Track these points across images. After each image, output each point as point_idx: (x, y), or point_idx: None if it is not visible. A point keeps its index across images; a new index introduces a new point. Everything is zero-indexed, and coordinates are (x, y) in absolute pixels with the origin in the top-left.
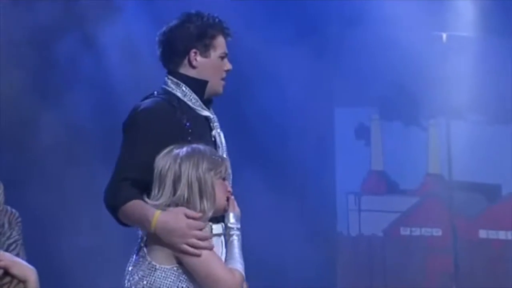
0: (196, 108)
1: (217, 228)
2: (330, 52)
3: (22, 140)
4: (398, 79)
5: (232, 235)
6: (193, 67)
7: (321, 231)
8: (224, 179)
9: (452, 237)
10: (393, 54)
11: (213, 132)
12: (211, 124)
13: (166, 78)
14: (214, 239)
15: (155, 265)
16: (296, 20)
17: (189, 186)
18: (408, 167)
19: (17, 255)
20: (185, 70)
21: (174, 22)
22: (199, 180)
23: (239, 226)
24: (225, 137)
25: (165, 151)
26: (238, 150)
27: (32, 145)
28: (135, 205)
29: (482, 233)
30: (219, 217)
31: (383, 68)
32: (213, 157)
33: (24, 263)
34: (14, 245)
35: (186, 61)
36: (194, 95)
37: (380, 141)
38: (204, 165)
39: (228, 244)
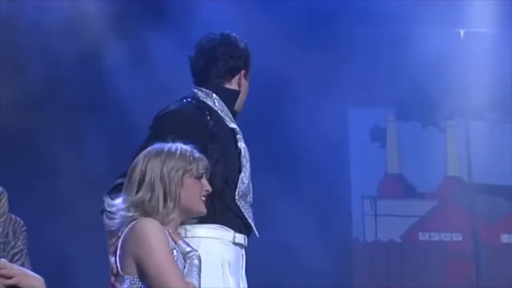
0: (225, 118)
1: (240, 238)
2: (343, 50)
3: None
4: (415, 78)
5: (192, 256)
6: (239, 86)
7: (336, 237)
8: (200, 177)
9: (472, 242)
10: (409, 52)
11: (239, 144)
12: (237, 136)
13: (194, 90)
14: (236, 249)
15: (123, 276)
16: (308, 17)
17: (152, 186)
18: (426, 169)
19: (22, 265)
20: (228, 86)
21: (218, 39)
22: (162, 180)
23: (195, 248)
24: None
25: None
26: (250, 154)
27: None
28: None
29: (504, 238)
30: (242, 228)
31: (398, 66)
32: (185, 155)
33: (31, 273)
34: (19, 255)
35: (233, 80)
36: (224, 106)
37: (396, 143)
38: (170, 164)
39: (188, 263)
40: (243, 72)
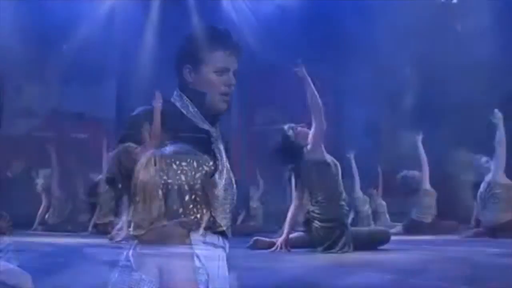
0: (193, 120)
1: (213, 238)
2: (340, 46)
3: None
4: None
5: (201, 273)
6: (188, 82)
7: None
8: None
9: None
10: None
11: (212, 146)
12: (211, 138)
13: (175, 91)
14: (207, 248)
15: (141, 275)
16: (301, 10)
17: (203, 191)
18: None
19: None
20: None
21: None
22: (208, 183)
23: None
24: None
25: (152, 167)
26: (243, 150)
27: None
28: None
29: None
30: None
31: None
32: (196, 154)
33: (18, 269)
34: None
35: (185, 78)
36: (194, 108)
37: None
38: (204, 166)
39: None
40: (186, 67)
